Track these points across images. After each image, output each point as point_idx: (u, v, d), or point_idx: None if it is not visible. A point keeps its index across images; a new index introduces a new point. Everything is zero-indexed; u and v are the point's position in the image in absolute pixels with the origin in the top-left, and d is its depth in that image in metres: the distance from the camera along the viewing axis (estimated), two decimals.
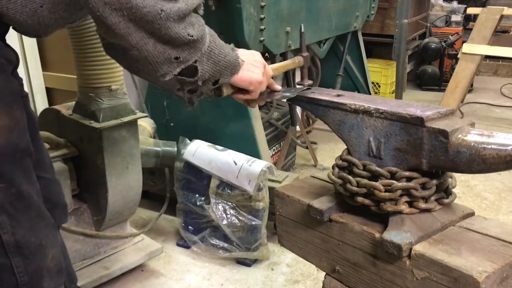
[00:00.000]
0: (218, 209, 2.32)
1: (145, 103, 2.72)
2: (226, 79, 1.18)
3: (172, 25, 0.99)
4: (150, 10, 0.96)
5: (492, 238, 1.04)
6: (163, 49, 1.02)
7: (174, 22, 0.99)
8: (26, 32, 1.16)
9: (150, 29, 0.98)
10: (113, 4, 0.94)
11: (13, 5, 1.04)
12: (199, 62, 1.07)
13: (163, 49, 1.02)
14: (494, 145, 0.94)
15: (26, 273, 1.15)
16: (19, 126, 1.11)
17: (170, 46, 1.02)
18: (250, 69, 1.21)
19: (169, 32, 0.99)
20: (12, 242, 1.11)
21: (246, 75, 1.20)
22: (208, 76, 1.12)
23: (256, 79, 1.22)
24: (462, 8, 5.96)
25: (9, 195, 1.09)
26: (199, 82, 1.12)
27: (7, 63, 1.10)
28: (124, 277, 2.22)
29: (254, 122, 2.62)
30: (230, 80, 1.19)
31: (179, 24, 1.00)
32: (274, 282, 2.25)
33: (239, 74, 1.19)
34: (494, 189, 3.20)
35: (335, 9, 3.31)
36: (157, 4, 0.96)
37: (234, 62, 1.16)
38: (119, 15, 0.95)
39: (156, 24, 0.97)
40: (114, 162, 1.97)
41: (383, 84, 5.03)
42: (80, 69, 1.93)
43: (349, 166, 1.16)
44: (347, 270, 1.19)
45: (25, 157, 1.13)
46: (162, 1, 0.97)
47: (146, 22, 0.97)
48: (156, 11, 0.96)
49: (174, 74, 1.07)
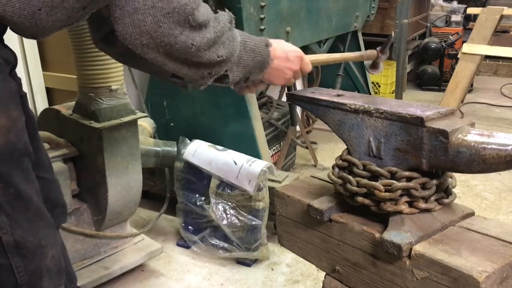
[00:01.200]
0: (218, 209, 2.32)
1: (145, 103, 2.72)
2: (255, 76, 1.26)
3: (202, 54, 1.10)
4: (182, 46, 1.06)
5: (492, 238, 1.04)
6: (196, 70, 1.13)
7: (204, 51, 1.09)
8: (23, 34, 1.16)
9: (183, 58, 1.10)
10: (150, 44, 1.05)
11: (10, 8, 1.03)
12: (230, 70, 1.18)
13: (196, 70, 1.13)
14: (494, 145, 0.94)
15: (25, 273, 1.15)
16: (17, 126, 1.11)
17: (203, 67, 1.13)
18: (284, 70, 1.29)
19: (200, 60, 1.10)
20: (11, 242, 1.11)
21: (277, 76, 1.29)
22: (239, 79, 1.23)
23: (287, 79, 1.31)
24: (462, 8, 5.97)
25: (8, 195, 1.09)
26: (231, 86, 1.24)
27: (4, 63, 1.10)
28: (124, 277, 2.22)
29: (254, 122, 2.62)
30: (260, 77, 1.28)
31: (209, 51, 1.10)
32: (274, 282, 2.25)
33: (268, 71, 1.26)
34: (494, 189, 3.19)
35: (335, 9, 3.31)
36: (188, 40, 1.06)
37: (263, 60, 1.24)
38: (155, 52, 1.07)
39: (188, 56, 1.09)
40: (114, 162, 1.97)
41: (383, 84, 5.03)
42: (80, 69, 1.93)
43: (349, 166, 1.16)
44: (347, 270, 1.19)
45: (23, 157, 1.13)
46: (193, 34, 1.07)
47: (179, 55, 1.08)
48: (188, 46, 1.07)
49: (208, 84, 1.19)
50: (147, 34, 1.03)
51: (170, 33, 1.04)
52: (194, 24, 1.06)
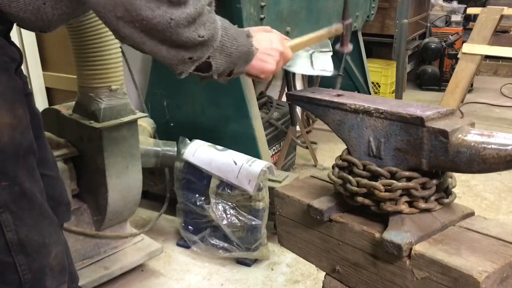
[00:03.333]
0: (218, 209, 2.32)
1: (145, 103, 2.72)
2: (240, 69, 1.19)
3: (182, 31, 1.02)
4: (160, 20, 0.99)
5: (492, 238, 1.04)
6: (176, 53, 1.05)
7: (184, 28, 1.02)
8: (30, 28, 1.16)
9: (161, 36, 1.02)
10: (125, 17, 0.98)
11: (16, 3, 1.04)
12: (212, 57, 1.10)
13: (176, 52, 1.05)
14: (494, 145, 0.94)
15: (29, 271, 1.15)
16: (22, 124, 1.11)
17: (183, 49, 1.05)
18: (264, 58, 1.21)
19: (180, 38, 1.02)
20: (16, 240, 1.12)
21: (258, 65, 1.21)
22: (222, 69, 1.14)
23: (268, 69, 1.22)
24: (462, 8, 5.96)
25: (13, 194, 1.09)
26: (214, 75, 1.14)
27: (10, 61, 1.10)
28: (124, 277, 2.22)
29: (254, 122, 2.62)
30: (245, 69, 1.20)
31: (189, 28, 1.02)
32: (274, 282, 2.25)
33: (252, 63, 1.20)
34: (494, 189, 3.19)
35: (335, 9, 3.31)
36: (166, 14, 0.99)
37: (247, 51, 1.17)
38: (131, 26, 0.99)
39: (167, 32, 1.01)
40: (114, 162, 1.97)
41: (383, 84, 5.02)
42: (80, 69, 1.93)
43: (349, 166, 1.16)
44: (347, 270, 1.19)
45: (28, 155, 1.13)
46: (171, 9, 0.99)
47: (157, 31, 1.00)
48: (166, 21, 0.99)
49: (189, 71, 1.10)
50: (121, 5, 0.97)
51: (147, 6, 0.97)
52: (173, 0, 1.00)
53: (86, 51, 1.87)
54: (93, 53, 1.87)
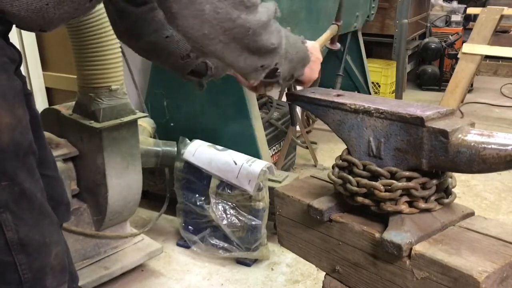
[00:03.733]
0: (218, 209, 2.32)
1: (145, 103, 2.72)
2: (299, 72, 1.28)
3: (258, 38, 1.08)
4: (240, 30, 1.05)
5: (492, 238, 1.04)
6: (251, 61, 1.12)
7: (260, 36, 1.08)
8: (30, 28, 1.16)
9: (241, 48, 1.08)
10: (211, 34, 1.03)
11: (18, 2, 1.04)
12: (279, 64, 1.17)
13: (251, 61, 1.12)
14: (494, 145, 0.94)
15: (29, 271, 1.15)
16: (21, 124, 1.11)
17: (257, 57, 1.11)
18: (313, 68, 1.32)
19: (257, 44, 1.09)
20: (16, 240, 1.12)
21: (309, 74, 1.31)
22: (286, 74, 1.23)
23: (315, 77, 1.33)
24: (462, 8, 5.96)
25: (13, 193, 1.09)
26: (280, 81, 1.22)
27: (10, 62, 1.10)
28: (124, 277, 2.22)
29: (254, 122, 2.62)
30: (303, 72, 1.29)
31: (264, 35, 1.09)
32: (274, 282, 2.25)
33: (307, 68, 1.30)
34: (494, 189, 3.19)
35: (335, 9, 3.30)
36: (246, 24, 1.05)
37: (305, 56, 1.27)
38: (215, 42, 1.05)
39: (245, 40, 1.07)
40: (114, 162, 1.97)
41: (383, 84, 5.03)
42: (80, 69, 1.93)
43: (349, 166, 1.16)
44: (347, 270, 1.19)
45: (28, 155, 1.13)
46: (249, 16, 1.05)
47: (237, 42, 1.07)
48: (246, 29, 1.05)
49: (259, 79, 1.17)
50: (207, 22, 1.02)
51: (228, 18, 1.02)
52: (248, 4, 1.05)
53: (86, 51, 1.87)
54: (93, 53, 1.87)
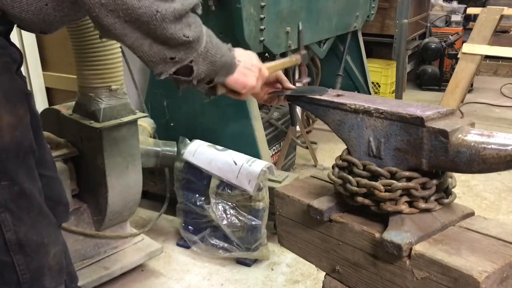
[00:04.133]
0: (218, 209, 2.32)
1: (145, 103, 2.72)
2: (220, 79, 1.17)
3: (168, 26, 0.99)
4: (146, 11, 0.96)
5: (492, 238, 1.04)
6: (158, 50, 1.02)
7: (170, 23, 0.99)
8: (32, 29, 1.17)
9: (145, 29, 0.99)
10: (109, 5, 0.95)
11: (18, 4, 1.04)
12: (195, 62, 1.07)
13: (158, 49, 1.02)
14: (494, 145, 0.94)
15: (27, 271, 1.15)
16: (23, 124, 1.11)
17: (166, 46, 1.02)
18: (245, 73, 1.20)
19: (165, 33, 0.99)
20: (14, 240, 1.12)
21: (241, 78, 1.20)
22: (203, 76, 1.12)
23: (250, 84, 1.22)
24: (462, 8, 5.96)
25: (12, 193, 1.10)
26: (194, 81, 1.11)
27: (11, 61, 1.10)
28: (124, 277, 2.22)
29: (254, 122, 2.62)
30: (225, 80, 1.18)
31: (175, 25, 1.00)
32: (274, 282, 2.25)
33: (234, 76, 1.18)
34: (494, 189, 3.19)
35: (335, 9, 3.31)
36: (153, 5, 0.96)
37: (230, 63, 1.16)
38: (115, 16, 0.96)
39: (151, 25, 0.98)
40: (114, 162, 1.97)
41: (383, 84, 5.02)
42: (80, 69, 1.93)
43: (349, 166, 1.16)
44: (347, 270, 1.19)
45: (28, 155, 1.14)
46: (158, 2, 0.97)
47: (141, 23, 0.97)
48: (152, 12, 0.96)
49: (169, 73, 1.07)
50: None
51: None
52: None
53: (86, 51, 1.87)
54: (93, 53, 1.87)
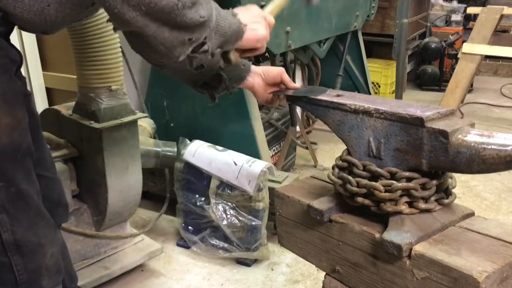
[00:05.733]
0: (218, 209, 2.32)
1: (145, 103, 2.72)
2: (230, 46, 1.18)
3: (187, 12, 1.00)
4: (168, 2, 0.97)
5: (492, 238, 1.04)
6: (178, 34, 1.03)
7: (188, 9, 1.00)
8: (33, 30, 1.17)
9: (166, 19, 0.99)
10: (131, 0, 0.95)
11: (20, 4, 1.04)
12: (208, 38, 1.08)
13: (178, 34, 1.03)
14: (494, 145, 0.94)
15: (25, 272, 1.15)
16: (21, 126, 1.11)
17: (184, 30, 1.03)
18: (253, 27, 1.20)
19: (185, 19, 1.01)
20: (12, 241, 1.12)
21: (251, 35, 1.19)
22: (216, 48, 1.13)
23: (261, 35, 1.21)
24: (462, 8, 5.96)
25: (9, 194, 1.10)
26: (209, 56, 1.12)
27: (11, 63, 1.10)
28: (124, 277, 2.22)
29: (254, 122, 2.62)
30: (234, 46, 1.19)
31: (192, 9, 1.01)
32: (274, 282, 2.25)
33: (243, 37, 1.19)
34: (494, 189, 3.19)
35: (335, 9, 3.31)
36: None
37: (238, 29, 1.16)
38: (136, 10, 0.96)
39: (173, 14, 0.99)
40: (114, 162, 1.97)
41: (383, 84, 5.02)
42: (80, 69, 1.93)
43: (349, 167, 1.16)
44: (347, 270, 1.19)
45: (26, 157, 1.14)
46: None
47: (163, 13, 0.98)
48: (174, 2, 0.97)
49: (187, 54, 1.08)
50: None
51: None
52: None
53: (86, 51, 1.87)
54: (93, 53, 1.87)
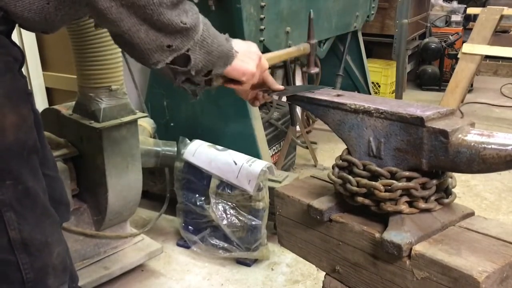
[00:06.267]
0: (218, 209, 2.32)
1: (145, 103, 2.72)
2: (219, 70, 1.14)
3: (165, 11, 0.97)
4: None
5: (492, 238, 1.04)
6: (155, 37, 1.00)
7: (167, 8, 0.97)
8: (33, 29, 1.17)
9: (142, 15, 0.97)
10: None
11: (21, 2, 1.04)
12: (192, 51, 1.05)
13: (155, 36, 1.00)
14: (494, 145, 0.94)
15: (31, 270, 1.15)
16: (26, 124, 1.11)
17: (163, 33, 1.00)
18: (244, 60, 1.17)
19: (162, 19, 0.97)
20: (19, 239, 1.12)
21: (239, 65, 1.16)
22: (201, 66, 1.09)
23: (250, 70, 1.18)
24: (462, 8, 5.96)
25: (16, 192, 1.10)
26: (192, 71, 1.08)
27: (14, 61, 1.10)
28: (124, 277, 2.22)
29: (254, 122, 2.62)
30: (224, 70, 1.15)
31: (172, 11, 0.98)
32: (274, 282, 2.25)
33: (232, 64, 1.15)
34: (494, 189, 3.19)
35: (335, 9, 3.31)
36: None
37: (228, 53, 1.13)
38: None
39: (148, 10, 0.96)
40: (114, 162, 1.97)
41: (383, 84, 5.03)
42: (80, 69, 1.93)
43: (349, 166, 1.16)
44: (347, 270, 1.19)
45: (32, 155, 1.14)
46: None
47: (138, 7, 0.95)
48: None
49: (166, 62, 1.04)
50: None
51: None
52: None
53: (86, 51, 1.87)
54: (93, 53, 1.87)
